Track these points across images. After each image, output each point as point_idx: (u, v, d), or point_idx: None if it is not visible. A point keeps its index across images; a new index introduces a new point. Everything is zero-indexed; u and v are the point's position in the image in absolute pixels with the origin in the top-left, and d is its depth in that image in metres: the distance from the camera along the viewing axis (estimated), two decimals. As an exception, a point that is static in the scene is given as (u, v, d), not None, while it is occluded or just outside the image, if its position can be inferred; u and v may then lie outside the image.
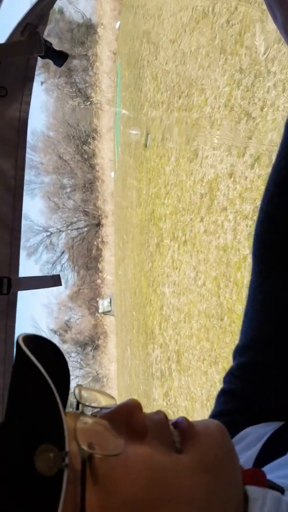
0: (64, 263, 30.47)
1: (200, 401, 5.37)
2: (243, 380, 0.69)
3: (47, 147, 28.98)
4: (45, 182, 29.88)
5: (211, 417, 0.70)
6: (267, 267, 0.69)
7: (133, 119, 12.06)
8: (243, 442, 0.63)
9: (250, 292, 0.71)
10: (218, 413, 0.70)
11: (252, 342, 0.69)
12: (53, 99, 29.12)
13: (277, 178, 0.68)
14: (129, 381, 12.97)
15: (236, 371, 0.71)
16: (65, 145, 27.86)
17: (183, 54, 6.70)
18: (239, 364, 0.71)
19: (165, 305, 7.55)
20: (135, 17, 12.60)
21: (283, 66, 3.59)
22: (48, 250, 30.36)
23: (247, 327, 0.71)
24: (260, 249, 0.70)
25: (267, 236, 0.69)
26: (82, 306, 28.71)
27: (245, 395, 0.68)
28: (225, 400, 0.70)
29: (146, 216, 9.54)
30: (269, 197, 0.68)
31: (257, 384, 0.68)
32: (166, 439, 0.46)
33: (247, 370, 0.69)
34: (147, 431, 0.46)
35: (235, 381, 0.70)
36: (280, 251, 0.68)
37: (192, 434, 0.47)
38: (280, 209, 0.67)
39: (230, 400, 0.70)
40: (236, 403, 0.69)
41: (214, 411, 0.71)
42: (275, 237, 0.68)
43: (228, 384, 0.71)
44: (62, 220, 29.68)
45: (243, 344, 0.71)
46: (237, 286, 4.32)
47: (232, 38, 4.68)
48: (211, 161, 5.19)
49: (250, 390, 0.68)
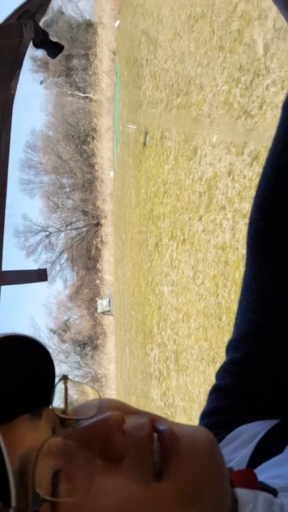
0: (63, 263, 30.47)
1: (198, 401, 5.35)
2: (237, 375, 0.66)
3: (46, 147, 28.98)
4: (44, 182, 29.89)
5: (203, 415, 0.68)
6: (263, 256, 0.65)
7: (132, 118, 12.04)
8: (237, 441, 0.61)
9: (245, 283, 0.68)
10: (211, 410, 0.67)
11: (246, 335, 0.66)
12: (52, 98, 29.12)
13: (275, 161, 0.65)
14: (128, 381, 12.95)
15: (229, 366, 0.68)
16: (65, 144, 27.85)
17: (182, 52, 6.68)
18: (233, 359, 0.68)
19: (163, 305, 7.53)
20: (134, 16, 12.58)
21: (282, 64, 3.57)
22: (47, 250, 30.37)
23: (241, 319, 0.68)
24: (255, 236, 0.66)
25: (263, 223, 0.65)
26: (81, 306, 28.71)
27: (239, 390, 0.66)
28: (218, 397, 0.67)
29: (145, 215, 9.52)
30: (266, 181, 0.65)
31: (252, 379, 0.65)
32: (144, 464, 0.42)
33: (242, 365, 0.66)
34: (123, 457, 0.42)
35: (229, 377, 0.67)
36: (277, 238, 0.64)
37: (175, 453, 0.42)
38: (277, 193, 0.64)
39: (223, 396, 0.67)
40: (229, 399, 0.66)
41: (207, 408, 0.68)
42: (272, 224, 0.64)
43: (221, 380, 0.68)
44: (61, 220, 29.68)
45: (237, 337, 0.68)
46: (236, 285, 4.29)
47: (230, 36, 4.66)
48: (210, 160, 5.17)
49: (244, 385, 0.65)
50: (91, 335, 27.61)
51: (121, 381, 15.65)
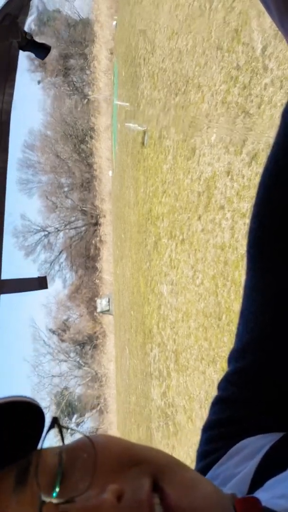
0: (62, 263, 30.47)
1: (198, 401, 5.34)
2: (240, 386, 0.65)
3: (44, 146, 28.96)
4: (42, 181, 29.88)
5: (206, 427, 0.67)
6: (263, 262, 0.65)
7: (130, 117, 12.03)
8: (240, 454, 0.60)
9: (246, 292, 0.67)
10: (214, 422, 0.66)
11: (249, 344, 0.65)
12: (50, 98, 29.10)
13: (273, 168, 0.64)
14: (128, 381, 12.95)
15: (232, 377, 0.67)
16: (63, 144, 27.84)
17: (180, 51, 6.66)
18: (235, 369, 0.67)
19: (163, 304, 7.52)
20: (132, 15, 12.56)
21: (280, 63, 3.56)
22: (46, 249, 30.37)
23: (242, 329, 0.67)
24: (255, 245, 0.66)
25: (261, 231, 0.65)
26: (81, 306, 28.72)
27: (241, 402, 0.65)
28: (221, 408, 0.66)
29: (143, 215, 9.51)
30: (264, 189, 0.64)
31: (255, 389, 0.64)
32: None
33: (245, 374, 0.65)
34: None
35: (231, 387, 0.66)
36: (277, 240, 0.63)
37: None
38: (276, 198, 0.63)
39: (226, 408, 0.66)
40: (232, 410, 0.65)
41: (210, 420, 0.67)
42: (271, 228, 0.64)
43: (223, 391, 0.67)
44: (60, 220, 29.68)
45: (239, 347, 0.67)
46: (235, 285, 4.28)
47: (228, 35, 4.65)
48: (209, 159, 5.16)
49: (248, 394, 0.64)
50: (91, 335, 27.63)
51: (121, 381, 15.65)
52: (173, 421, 6.47)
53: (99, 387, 26.33)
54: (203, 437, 0.66)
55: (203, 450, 0.64)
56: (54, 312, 30.14)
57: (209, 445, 0.64)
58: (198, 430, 0.67)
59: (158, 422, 7.68)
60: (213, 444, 0.63)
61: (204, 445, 0.65)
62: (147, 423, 9.12)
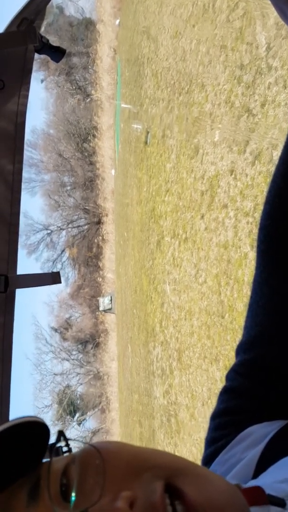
0: (65, 261, 30.50)
1: (201, 399, 5.36)
2: (247, 376, 0.68)
3: (47, 145, 28.98)
4: (45, 180, 29.90)
5: (214, 415, 0.69)
6: (274, 260, 0.67)
7: (133, 116, 12.03)
8: (247, 440, 0.62)
9: (255, 286, 0.69)
10: (221, 411, 0.68)
11: (256, 337, 0.68)
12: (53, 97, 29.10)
13: (285, 169, 0.66)
14: (130, 379, 12.97)
15: (239, 368, 0.69)
16: (65, 143, 27.85)
17: (183, 50, 6.67)
18: (243, 360, 0.69)
19: (165, 303, 7.54)
20: (135, 14, 12.56)
21: (284, 62, 3.57)
22: (49, 248, 30.40)
23: (251, 322, 0.69)
24: (265, 241, 0.68)
25: (273, 228, 0.67)
26: (83, 304, 28.75)
27: (249, 392, 0.67)
28: (228, 398, 0.69)
29: (146, 213, 9.53)
30: (276, 189, 0.67)
31: (262, 380, 0.66)
32: None
33: (251, 367, 0.68)
34: None
35: (239, 378, 0.69)
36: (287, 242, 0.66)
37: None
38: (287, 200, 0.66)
39: (233, 397, 0.68)
40: (239, 400, 0.67)
41: (217, 409, 0.69)
42: (281, 229, 0.66)
43: (231, 382, 0.70)
44: (63, 218, 29.70)
45: (247, 340, 0.69)
46: (238, 284, 4.30)
47: (232, 34, 4.65)
48: (212, 158, 5.17)
49: (254, 386, 0.67)
50: (93, 333, 27.66)
51: (124, 379, 15.67)
52: (176, 419, 6.49)
53: (101, 385, 26.37)
54: (212, 424, 0.68)
55: (211, 437, 0.67)
56: (57, 311, 30.22)
57: (217, 432, 0.66)
58: (200, 428, 0.69)
59: (160, 420, 7.70)
60: (221, 431, 0.66)
61: (212, 432, 0.67)
62: (149, 421, 9.14)
